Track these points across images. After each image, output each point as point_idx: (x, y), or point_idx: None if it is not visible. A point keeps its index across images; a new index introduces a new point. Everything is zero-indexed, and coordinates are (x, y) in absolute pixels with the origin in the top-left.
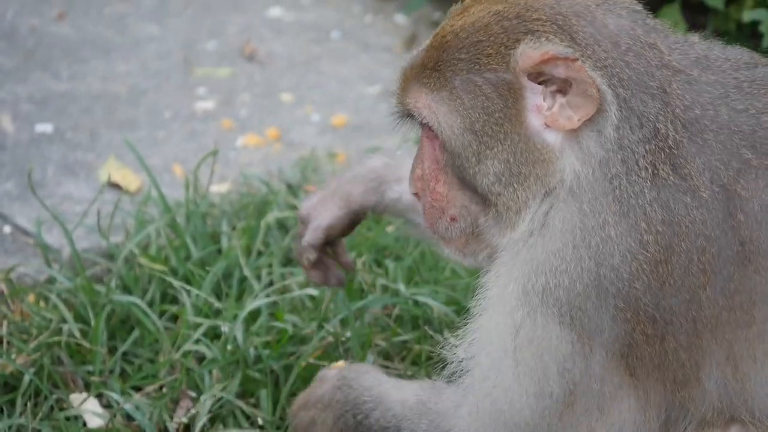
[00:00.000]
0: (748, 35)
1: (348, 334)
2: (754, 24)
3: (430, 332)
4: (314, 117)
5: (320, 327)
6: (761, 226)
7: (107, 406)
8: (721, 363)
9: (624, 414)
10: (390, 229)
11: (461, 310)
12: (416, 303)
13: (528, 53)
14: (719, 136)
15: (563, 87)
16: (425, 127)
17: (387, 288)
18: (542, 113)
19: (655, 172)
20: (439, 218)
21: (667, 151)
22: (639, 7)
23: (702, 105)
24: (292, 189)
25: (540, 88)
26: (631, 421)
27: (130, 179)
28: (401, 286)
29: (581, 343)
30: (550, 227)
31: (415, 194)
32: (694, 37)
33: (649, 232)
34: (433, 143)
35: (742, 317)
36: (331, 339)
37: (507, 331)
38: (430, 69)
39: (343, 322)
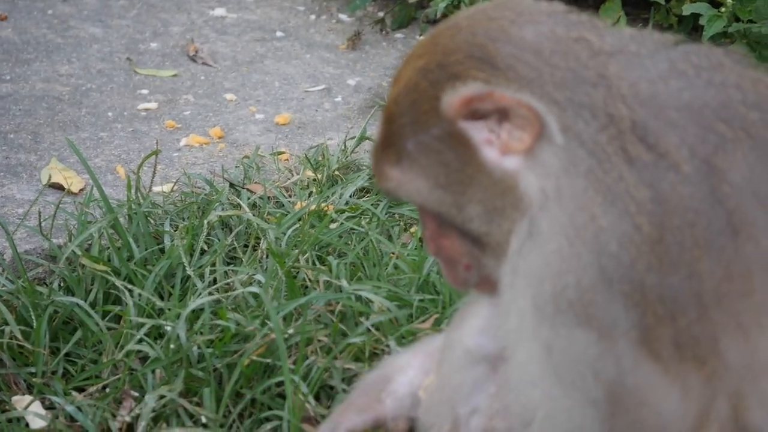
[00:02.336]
0: (689, 29)
1: (291, 330)
2: (696, 17)
3: (372, 328)
4: (258, 116)
5: (263, 324)
6: (746, 196)
7: (50, 407)
8: (734, 333)
9: (667, 403)
10: (333, 226)
11: (403, 305)
12: (359, 299)
13: (450, 102)
14: (685, 113)
15: (502, 114)
16: None
17: (330, 284)
18: (494, 144)
19: (628, 154)
20: (457, 270)
21: (631, 131)
22: (559, 6)
23: (649, 80)
24: (235, 188)
25: (482, 123)
26: (675, 409)
27: (73, 180)
28: (344, 282)
29: (604, 340)
30: (539, 234)
31: (434, 255)
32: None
33: (640, 213)
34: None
35: (742, 286)
36: (273, 336)
37: (542, 356)
38: (386, 144)
39: (286, 319)
